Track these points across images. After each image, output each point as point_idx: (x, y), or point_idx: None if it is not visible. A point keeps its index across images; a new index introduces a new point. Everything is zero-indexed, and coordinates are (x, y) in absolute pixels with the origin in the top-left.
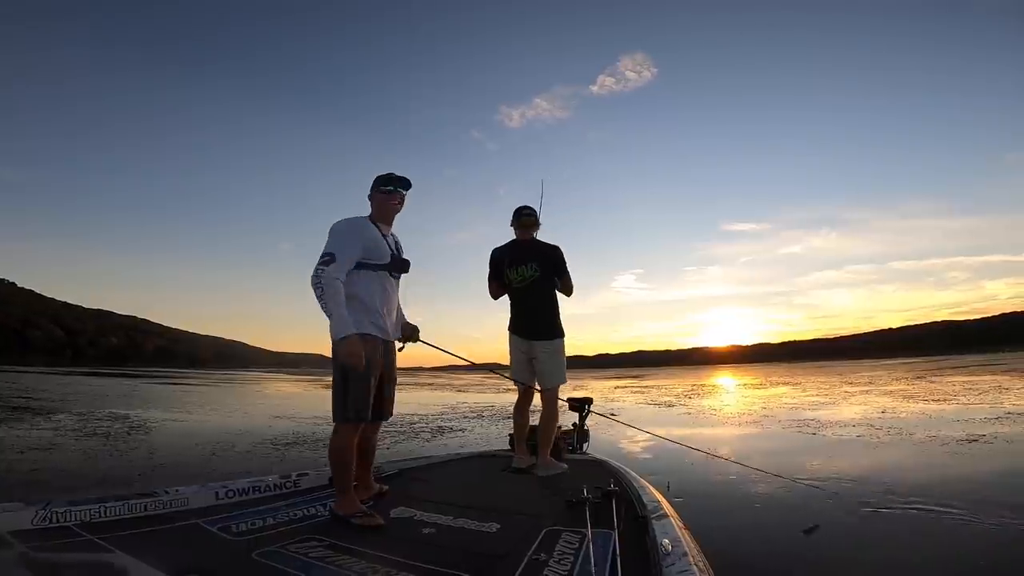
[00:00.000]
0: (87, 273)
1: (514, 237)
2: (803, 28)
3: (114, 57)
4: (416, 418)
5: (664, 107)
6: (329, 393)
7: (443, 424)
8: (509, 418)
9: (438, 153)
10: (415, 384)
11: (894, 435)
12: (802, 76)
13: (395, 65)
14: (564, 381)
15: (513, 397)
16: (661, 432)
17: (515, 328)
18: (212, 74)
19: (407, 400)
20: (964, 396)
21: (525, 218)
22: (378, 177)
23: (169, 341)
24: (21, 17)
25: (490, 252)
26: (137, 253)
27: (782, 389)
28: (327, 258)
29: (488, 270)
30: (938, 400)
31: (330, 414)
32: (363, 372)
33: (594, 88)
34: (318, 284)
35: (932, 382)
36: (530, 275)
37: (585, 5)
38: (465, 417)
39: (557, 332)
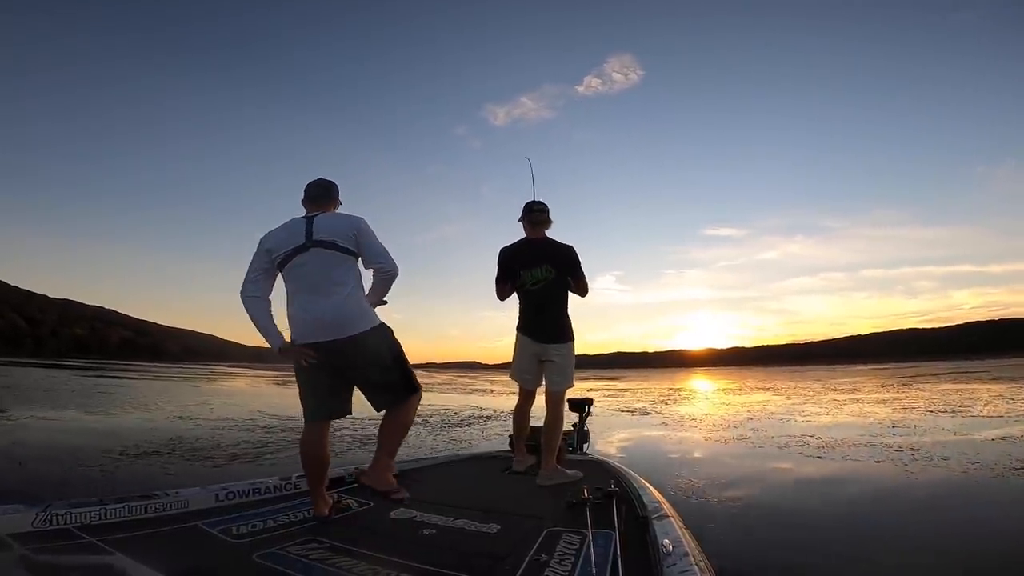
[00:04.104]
0: (55, 262)
1: (524, 235)
2: (784, 36)
3: (69, 45)
4: (349, 423)
5: (649, 110)
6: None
7: (373, 432)
8: (455, 427)
9: (421, 149)
10: None
11: (923, 460)
12: (783, 84)
13: (378, 59)
14: (572, 385)
15: (479, 398)
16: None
17: (526, 330)
18: (184, 65)
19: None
20: (972, 407)
21: (536, 214)
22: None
23: (136, 333)
24: None
25: (498, 252)
26: (111, 243)
27: (764, 396)
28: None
29: (497, 271)
30: (947, 412)
31: (251, 412)
32: None
33: (580, 88)
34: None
35: (923, 390)
36: (544, 277)
37: (573, 5)
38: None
39: (569, 335)
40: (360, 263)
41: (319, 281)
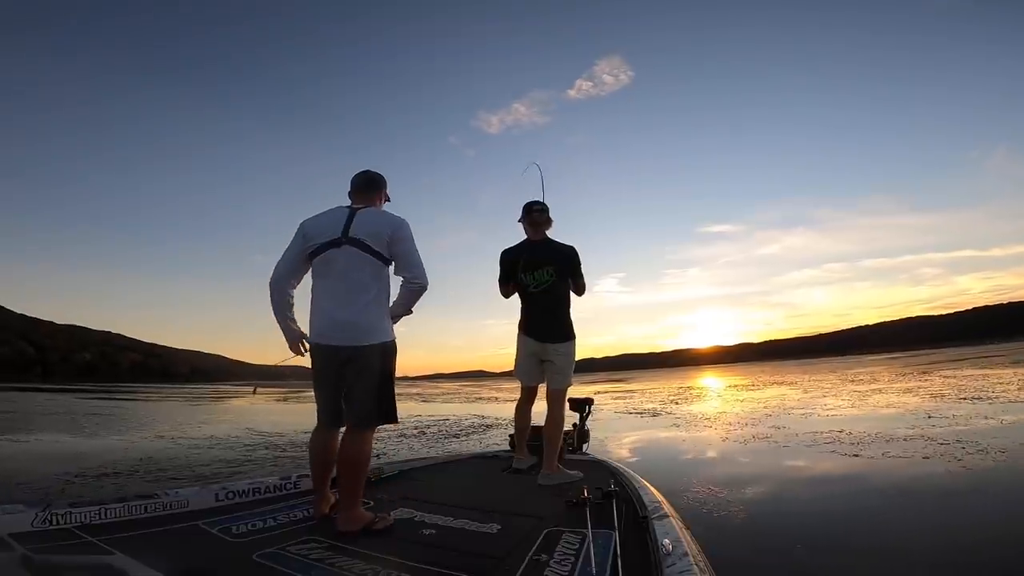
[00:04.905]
0: (61, 289)
1: (525, 236)
2: (772, 30)
3: (80, 68)
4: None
5: (641, 110)
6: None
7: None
8: (453, 437)
9: (414, 160)
10: None
11: (976, 452)
12: (772, 76)
13: (369, 71)
14: (571, 383)
15: (482, 406)
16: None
17: (527, 329)
18: (183, 84)
19: None
20: (1005, 392)
21: (536, 214)
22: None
23: (144, 356)
24: None
25: (499, 254)
26: (117, 268)
27: (779, 390)
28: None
29: (499, 271)
30: (981, 399)
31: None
32: None
33: (572, 92)
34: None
35: (947, 377)
36: (546, 280)
37: (561, 9)
38: (402, 436)
39: (570, 334)
40: (392, 269)
41: (345, 282)
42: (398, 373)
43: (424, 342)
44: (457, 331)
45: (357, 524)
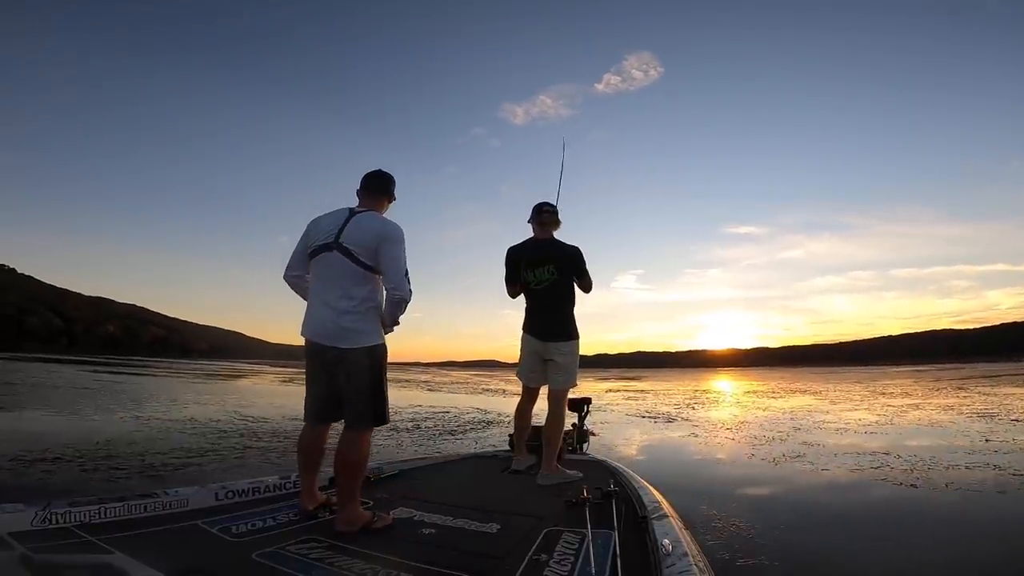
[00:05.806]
0: (88, 261)
1: (532, 234)
2: (807, 30)
3: (107, 42)
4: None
5: (669, 107)
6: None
7: (408, 424)
8: (449, 434)
9: (438, 150)
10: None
11: None
12: (806, 78)
13: (396, 59)
14: (575, 384)
15: (487, 399)
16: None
17: (530, 328)
18: (209, 63)
19: None
20: None
21: (546, 215)
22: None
23: (166, 331)
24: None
25: (505, 251)
26: (143, 242)
27: (802, 400)
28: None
29: (505, 270)
30: None
31: (223, 412)
32: None
33: (599, 86)
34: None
35: (986, 394)
36: (547, 278)
37: (592, 2)
38: (394, 430)
39: (573, 334)
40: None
41: (332, 286)
42: (411, 359)
43: (440, 329)
44: (474, 319)
45: (356, 524)
